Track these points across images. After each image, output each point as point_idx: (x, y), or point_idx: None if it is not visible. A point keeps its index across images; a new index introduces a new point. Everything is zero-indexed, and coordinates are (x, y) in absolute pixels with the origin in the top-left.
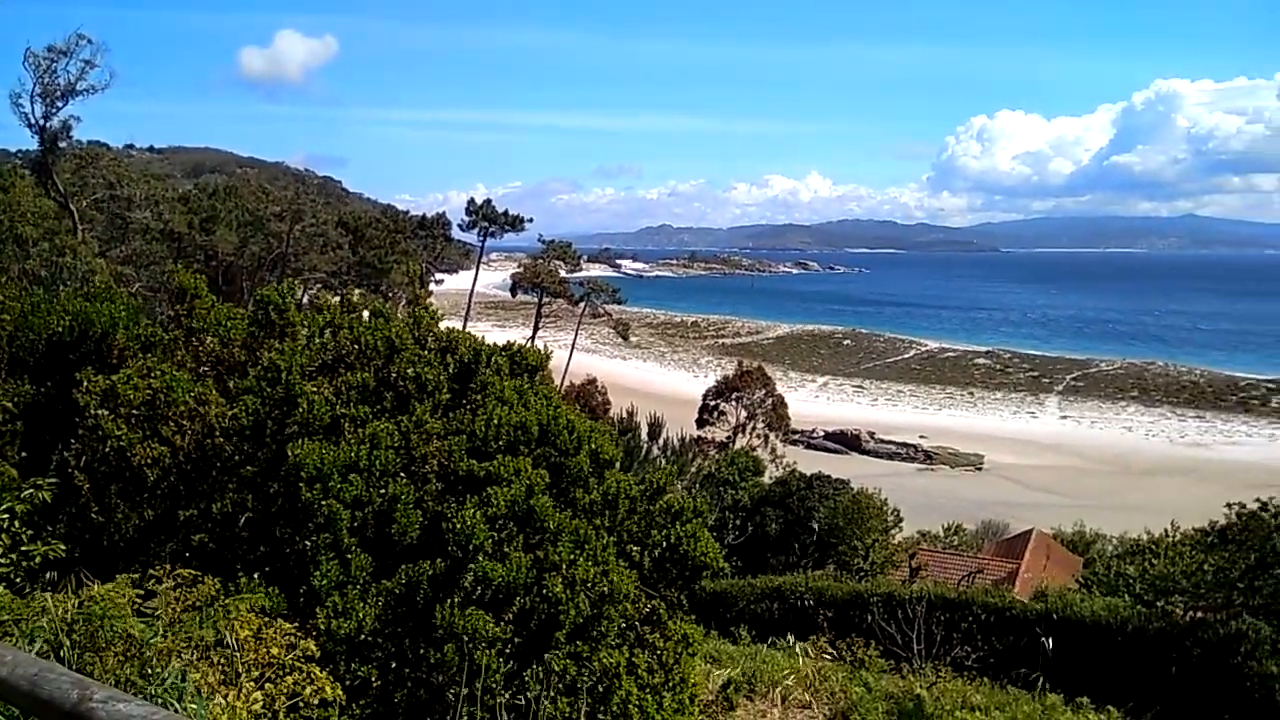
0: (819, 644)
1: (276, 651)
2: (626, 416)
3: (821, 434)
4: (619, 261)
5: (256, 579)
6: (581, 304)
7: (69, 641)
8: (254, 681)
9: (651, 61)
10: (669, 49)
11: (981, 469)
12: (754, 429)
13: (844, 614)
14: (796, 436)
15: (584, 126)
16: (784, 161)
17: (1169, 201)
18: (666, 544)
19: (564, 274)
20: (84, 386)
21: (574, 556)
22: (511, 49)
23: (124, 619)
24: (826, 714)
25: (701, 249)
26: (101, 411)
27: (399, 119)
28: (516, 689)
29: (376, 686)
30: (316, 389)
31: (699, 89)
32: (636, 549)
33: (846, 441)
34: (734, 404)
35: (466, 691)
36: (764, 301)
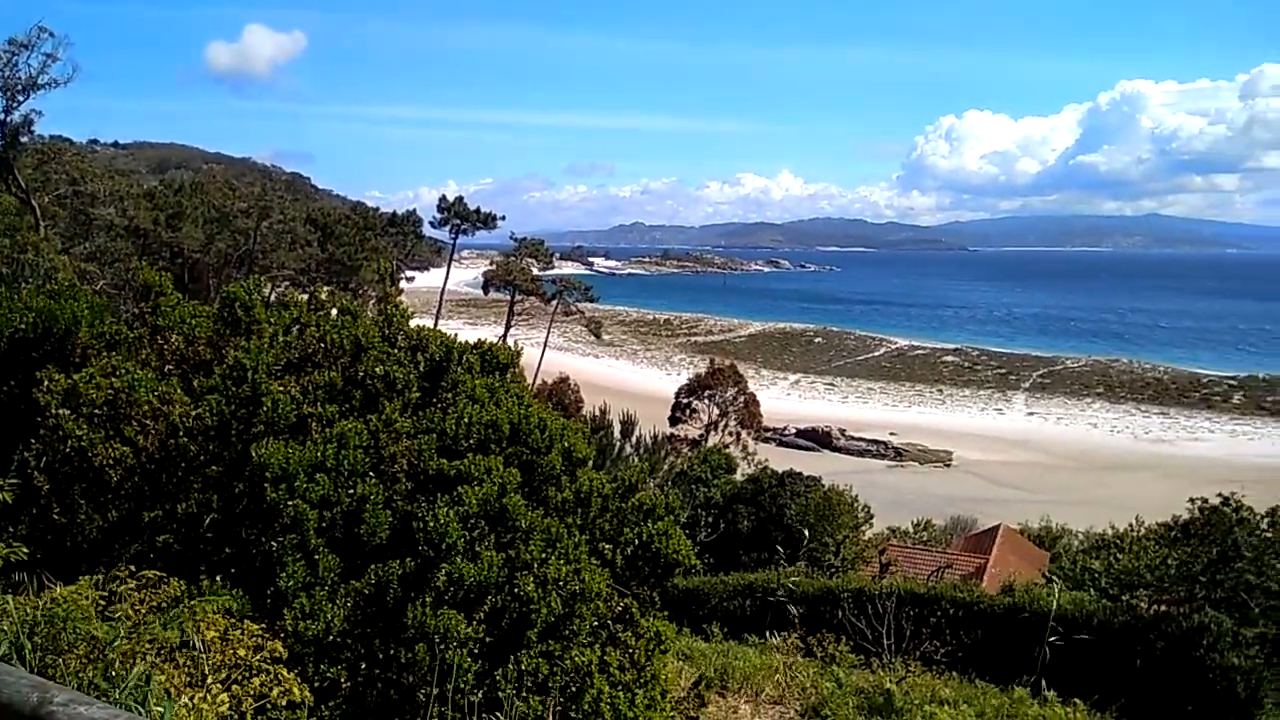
0: (790, 640)
1: (243, 653)
2: (599, 414)
3: (793, 431)
4: (591, 259)
5: (222, 580)
6: (554, 302)
7: (31, 644)
8: (220, 683)
9: (624, 60)
10: (642, 48)
11: (950, 465)
12: (726, 427)
13: (815, 610)
14: (768, 434)
15: (556, 124)
16: (756, 160)
17: (1133, 201)
18: (639, 542)
19: (536, 272)
20: (45, 386)
21: (546, 555)
22: (483, 46)
23: (87, 621)
24: (798, 710)
25: (674, 247)
26: (63, 411)
27: (369, 115)
28: (488, 689)
29: (346, 688)
30: (283, 388)
31: (671, 88)
32: (609, 547)
33: (818, 439)
34: (706, 402)
35: (437, 691)
36: (736, 299)
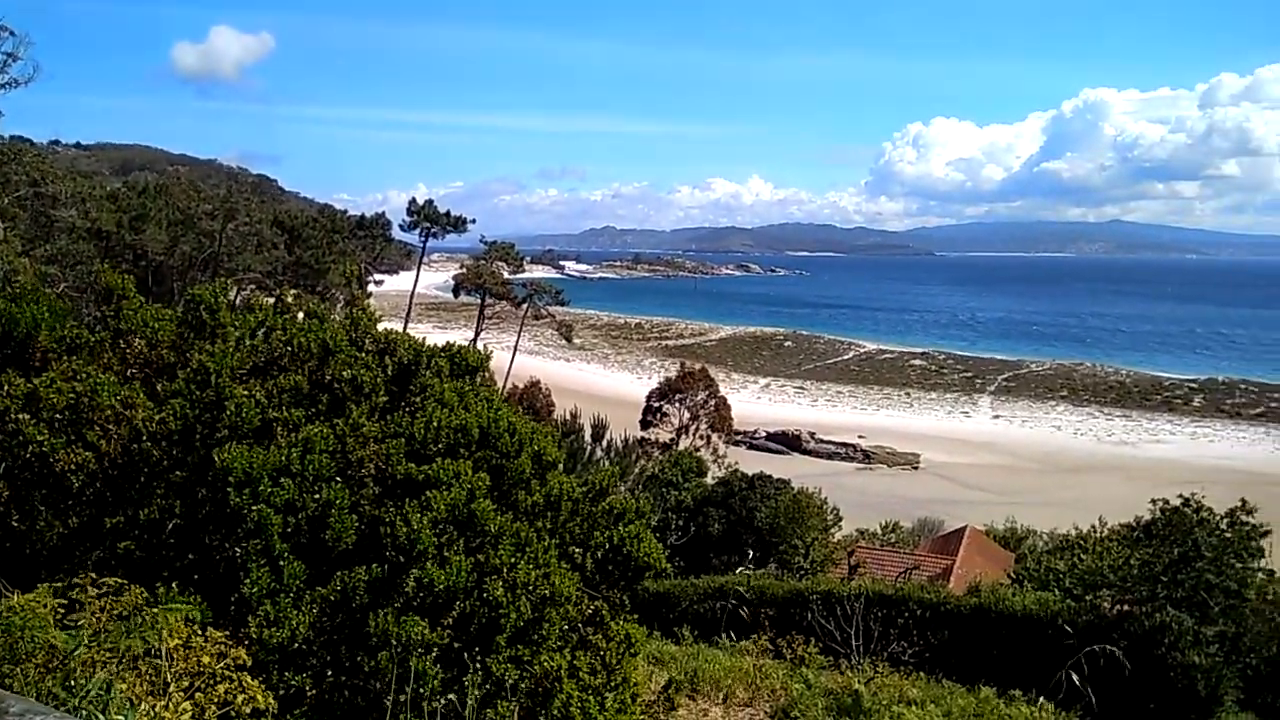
0: (760, 642)
1: (207, 660)
2: (570, 418)
3: (763, 434)
4: (562, 263)
5: (185, 587)
6: (524, 305)
7: None
8: (183, 692)
9: (595, 64)
10: (613, 51)
11: (918, 468)
12: (697, 430)
13: (785, 612)
14: (739, 437)
15: (527, 128)
16: (726, 165)
17: (1096, 207)
18: (609, 545)
19: (507, 275)
20: (5, 390)
21: (515, 559)
22: (453, 49)
23: (45, 630)
24: (767, 711)
25: (645, 251)
26: (23, 416)
27: (337, 117)
28: (456, 695)
29: (311, 695)
30: (248, 392)
31: (642, 92)
32: (579, 551)
33: (788, 442)
34: (677, 405)
35: (404, 698)
36: (707, 303)
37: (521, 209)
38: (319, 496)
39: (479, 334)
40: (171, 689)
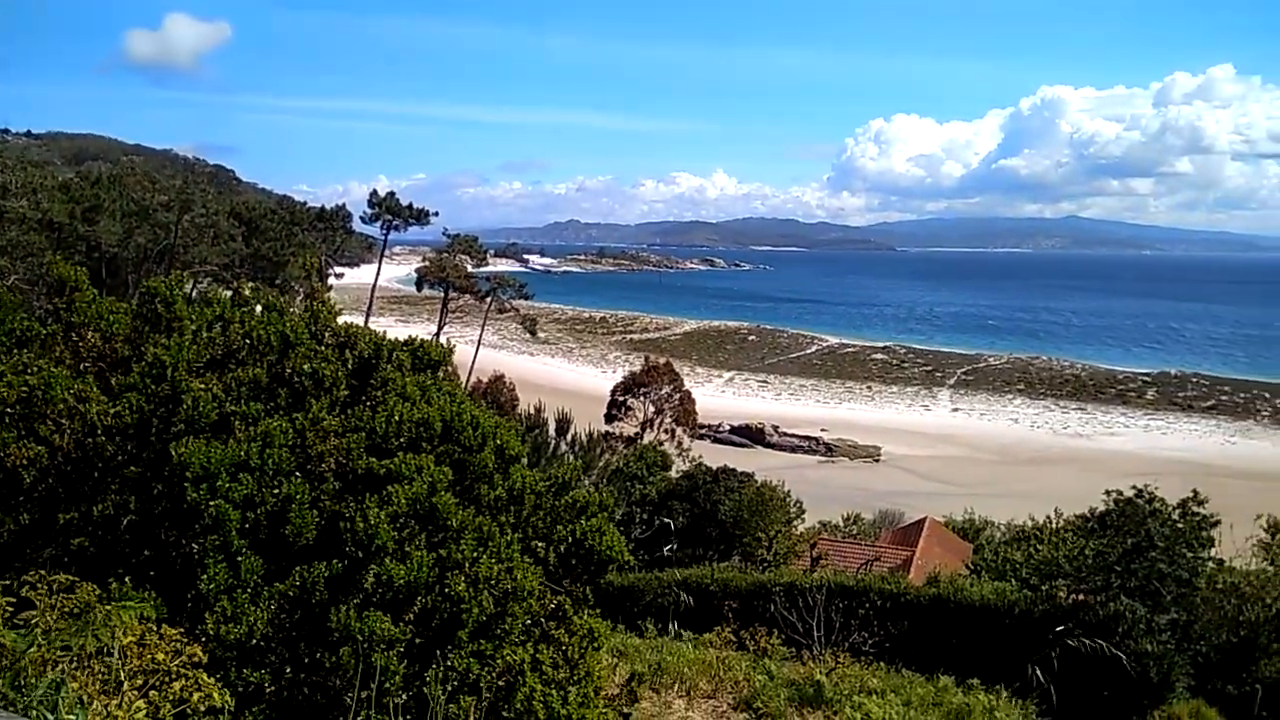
0: (723, 634)
1: (161, 658)
2: (534, 412)
3: (728, 428)
4: (526, 256)
5: (141, 584)
6: (488, 299)
7: None
8: (137, 690)
9: (559, 57)
10: (576, 45)
11: (879, 460)
12: (662, 424)
13: (748, 604)
14: (703, 431)
15: (491, 120)
16: (691, 159)
17: (1053, 203)
18: (572, 539)
19: (470, 269)
20: None
21: (477, 554)
22: (415, 39)
23: None
24: (730, 703)
25: (610, 245)
26: None
27: (296, 107)
28: (417, 690)
29: (270, 692)
30: (204, 385)
31: (606, 86)
32: (541, 545)
33: (751, 435)
34: (642, 399)
35: (365, 694)
36: (671, 297)
37: (485, 202)
38: (278, 491)
39: (442, 328)
40: (125, 687)
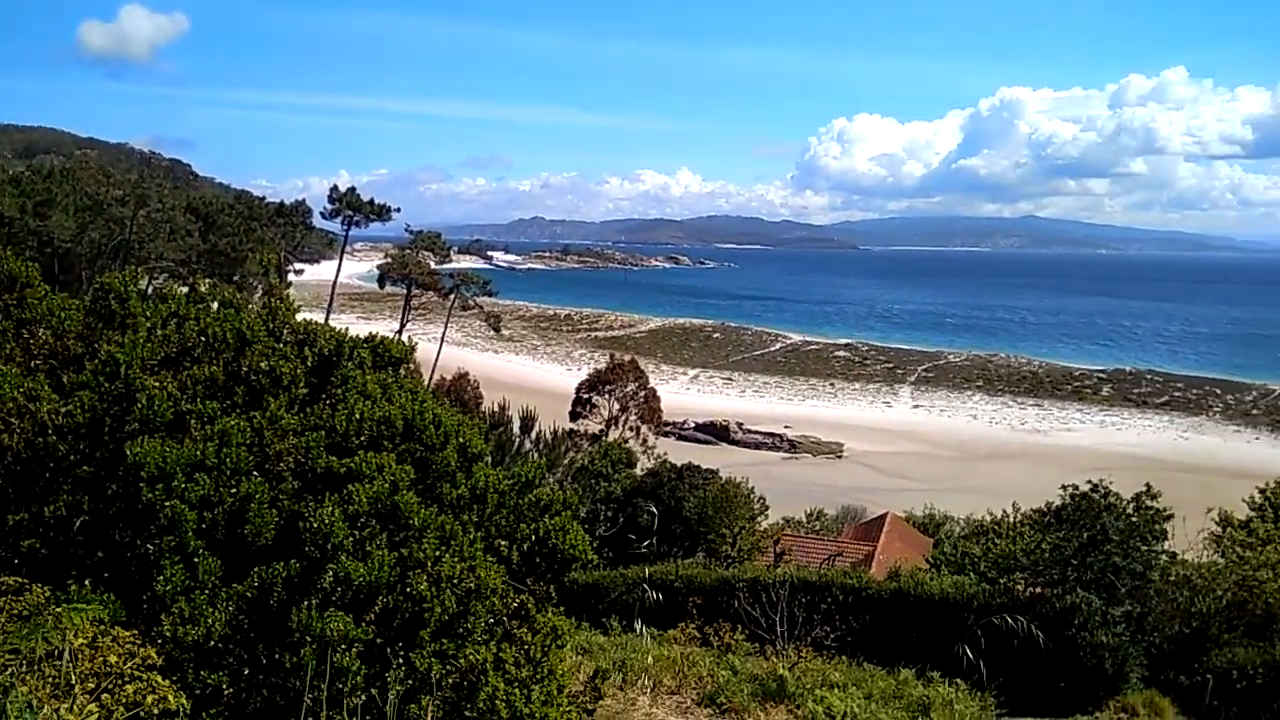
0: (688, 630)
1: (114, 660)
2: (498, 410)
3: (692, 425)
4: (490, 253)
5: (94, 585)
6: (452, 296)
7: None
8: (88, 693)
9: (522, 52)
10: (540, 41)
11: (841, 456)
12: (627, 421)
13: (712, 600)
14: (668, 428)
15: (454, 115)
16: (655, 157)
17: (1011, 203)
18: (535, 537)
19: (433, 265)
20: None
21: (440, 553)
22: (376, 32)
23: None
24: (694, 698)
25: (574, 242)
26: None
27: (255, 101)
28: (379, 690)
29: (229, 694)
30: (159, 384)
31: (571, 82)
32: (505, 543)
33: (716, 432)
34: (607, 397)
35: (326, 695)
36: (636, 295)
37: (448, 198)
38: (236, 491)
39: (404, 325)
40: (76, 690)
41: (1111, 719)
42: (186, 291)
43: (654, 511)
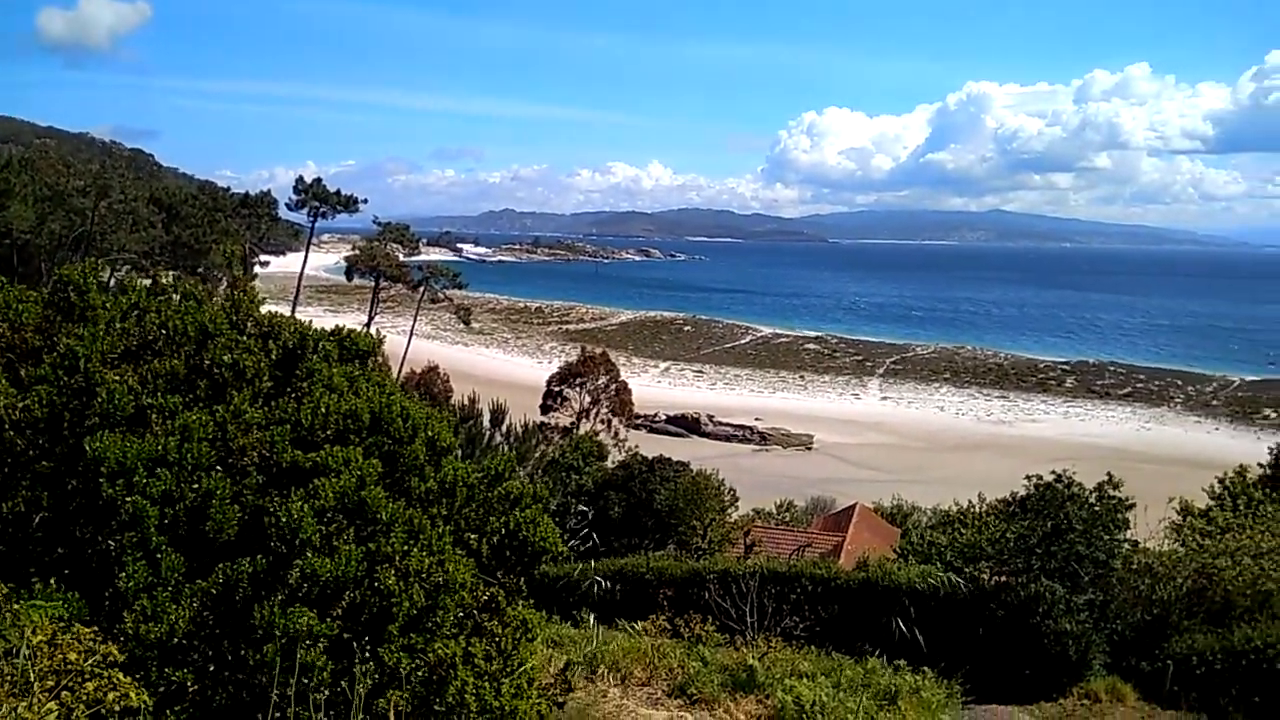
0: (658, 622)
1: (74, 658)
2: (468, 403)
3: (663, 418)
4: (460, 245)
5: (55, 583)
6: (421, 288)
7: None
8: (48, 691)
9: (493, 45)
10: (509, 33)
11: (811, 448)
12: (598, 414)
13: (683, 592)
14: (639, 420)
15: (422, 106)
16: (626, 150)
17: (978, 197)
18: (505, 530)
19: (402, 257)
20: None
21: (408, 547)
22: (342, 23)
23: None
24: (665, 689)
25: (545, 234)
26: None
27: (219, 90)
28: (345, 686)
29: (193, 691)
30: (119, 377)
31: (540, 75)
32: (474, 537)
33: (687, 424)
34: (578, 390)
35: (292, 691)
36: (608, 287)
37: (417, 189)
38: (198, 486)
39: (373, 318)
40: (35, 688)
41: (1075, 705)
42: (148, 284)
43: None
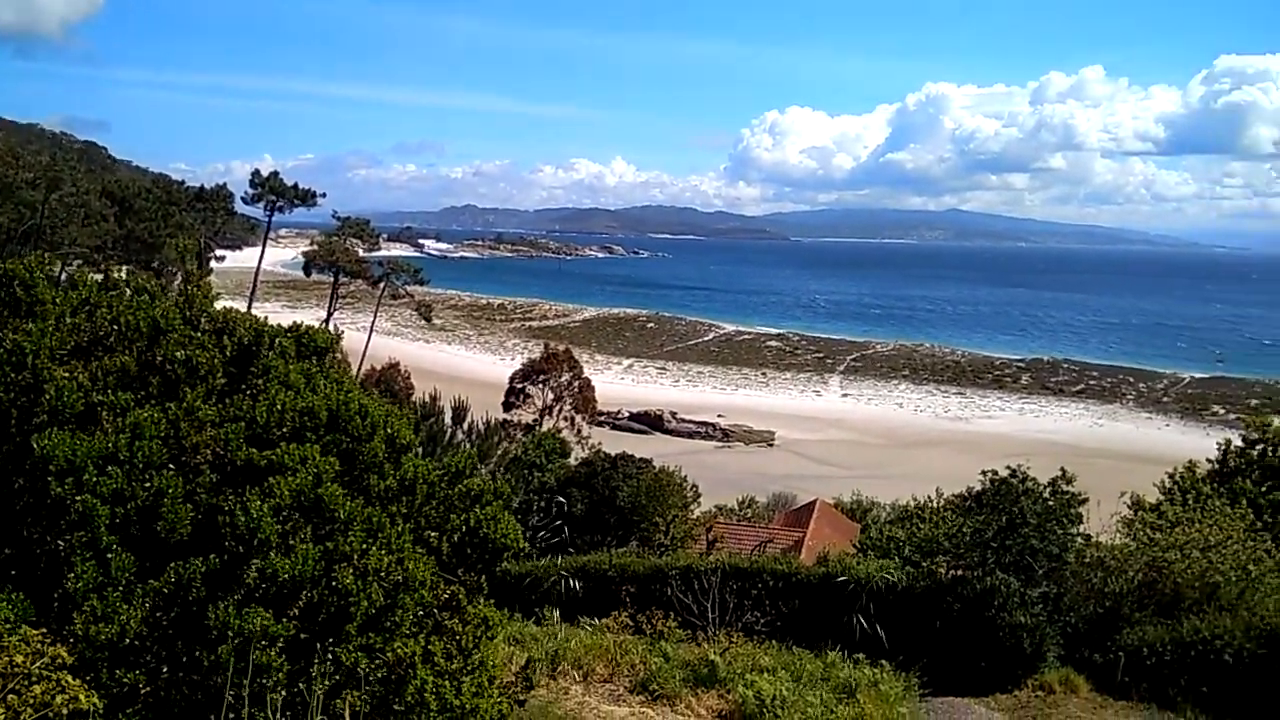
0: (620, 619)
1: (20, 660)
2: (430, 400)
3: (626, 415)
4: (421, 241)
5: (0, 584)
6: (381, 285)
7: None
8: None
9: (454, 37)
10: (472, 26)
11: (773, 445)
12: (561, 411)
13: (646, 589)
14: (602, 417)
15: (382, 100)
16: (589, 146)
17: (936, 197)
18: (466, 528)
19: (362, 253)
20: None
21: (367, 546)
22: (300, 13)
23: None
24: (627, 685)
25: (508, 230)
26: None
27: (174, 81)
28: (303, 687)
29: (146, 693)
30: (69, 374)
31: (503, 70)
32: (435, 535)
33: (650, 422)
34: (541, 387)
35: (248, 692)
36: (571, 284)
37: (378, 184)
38: (150, 485)
39: (332, 314)
40: None
41: (1029, 697)
42: (100, 279)
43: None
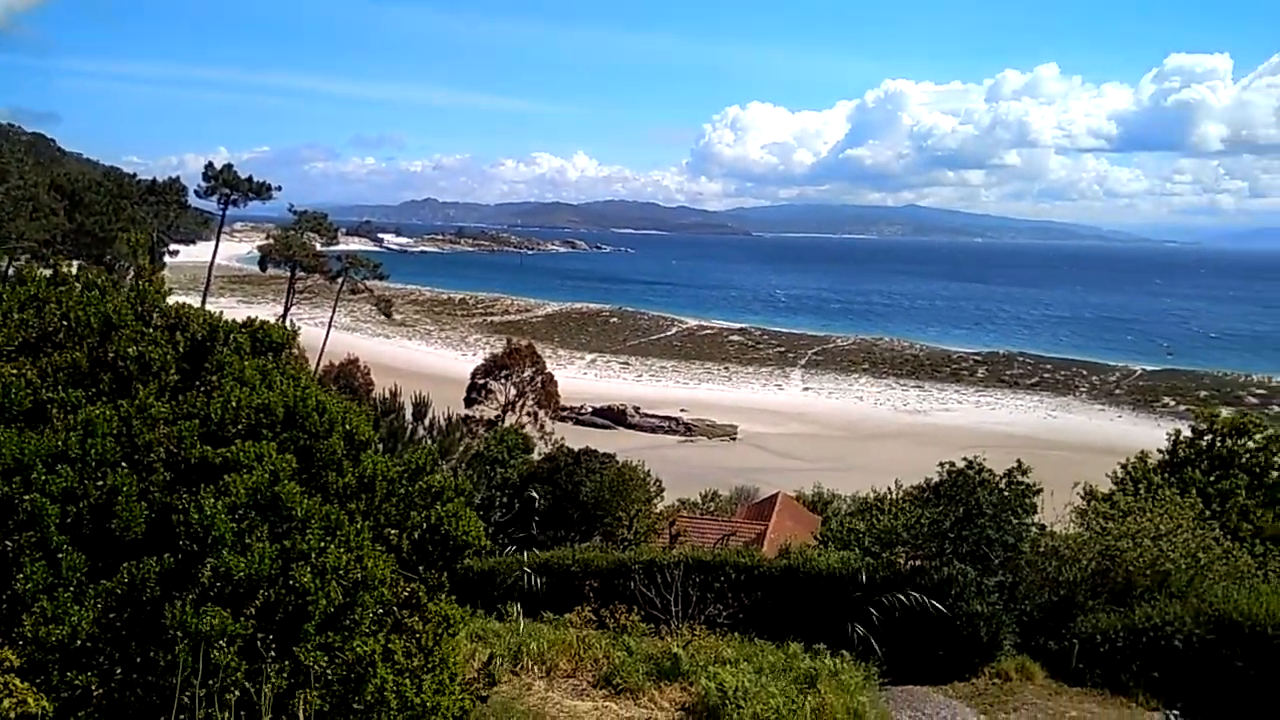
0: (584, 614)
1: None
2: (390, 397)
3: (590, 410)
4: (381, 235)
5: None
6: (340, 279)
7: None
8: None
9: (412, 29)
10: (431, 18)
11: (735, 439)
12: (524, 406)
13: (609, 583)
14: (565, 413)
15: (339, 92)
16: (551, 140)
17: (895, 192)
18: (426, 525)
19: (319, 247)
20: None
21: (325, 544)
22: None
23: None
24: (590, 680)
25: (469, 225)
26: None
27: (125, 72)
28: (258, 686)
29: (99, 694)
30: (17, 371)
31: (462, 61)
32: (395, 532)
33: (613, 416)
34: (503, 382)
35: (204, 693)
36: (533, 279)
37: (335, 178)
38: (102, 484)
39: (289, 309)
40: None
41: (987, 684)
42: (49, 274)
43: (534, 497)
